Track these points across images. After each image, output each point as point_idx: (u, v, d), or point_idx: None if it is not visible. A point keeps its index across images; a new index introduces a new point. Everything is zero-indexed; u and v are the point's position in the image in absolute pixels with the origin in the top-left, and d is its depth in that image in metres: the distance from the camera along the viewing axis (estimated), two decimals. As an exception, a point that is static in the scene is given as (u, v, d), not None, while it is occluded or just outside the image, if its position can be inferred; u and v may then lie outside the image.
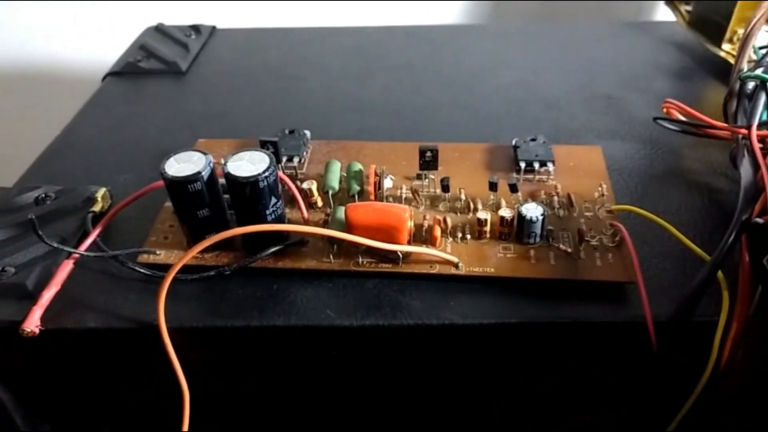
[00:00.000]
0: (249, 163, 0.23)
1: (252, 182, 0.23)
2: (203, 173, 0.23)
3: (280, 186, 0.24)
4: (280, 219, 0.25)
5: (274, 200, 0.24)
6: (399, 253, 0.24)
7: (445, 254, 0.24)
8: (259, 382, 0.26)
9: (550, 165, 0.28)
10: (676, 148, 0.32)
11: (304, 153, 0.30)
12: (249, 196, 0.23)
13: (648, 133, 0.33)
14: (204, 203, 0.24)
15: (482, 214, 0.25)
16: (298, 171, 0.29)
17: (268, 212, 0.24)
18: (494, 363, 0.25)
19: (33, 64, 0.61)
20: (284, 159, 0.29)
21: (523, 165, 0.28)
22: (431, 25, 0.50)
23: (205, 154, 0.24)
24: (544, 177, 0.28)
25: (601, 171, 0.29)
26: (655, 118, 0.30)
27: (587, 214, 0.26)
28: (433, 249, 0.24)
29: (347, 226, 0.24)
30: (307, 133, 0.31)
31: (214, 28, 0.48)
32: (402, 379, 0.26)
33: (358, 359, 0.25)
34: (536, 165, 0.28)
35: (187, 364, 0.23)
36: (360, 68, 0.42)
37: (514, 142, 0.30)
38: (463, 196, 0.27)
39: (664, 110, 0.30)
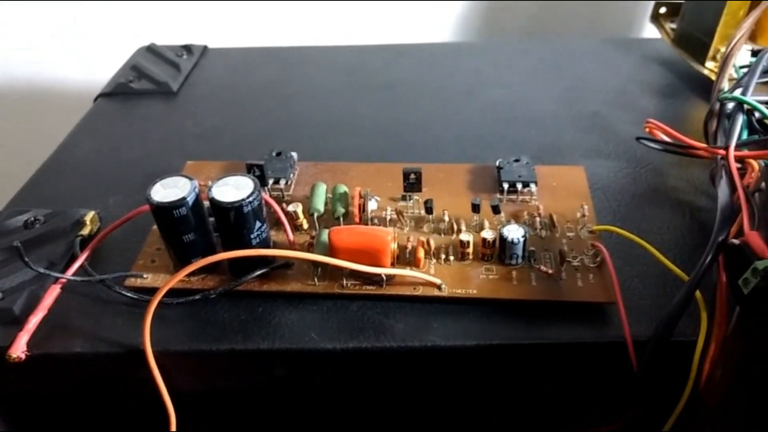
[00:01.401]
0: (234, 189, 0.23)
1: (236, 207, 0.23)
2: (188, 198, 0.23)
3: (264, 209, 0.25)
4: (265, 242, 0.25)
5: (258, 224, 0.24)
6: (383, 276, 0.24)
7: (428, 276, 0.25)
8: (245, 404, 0.26)
9: (532, 185, 0.29)
10: (659, 166, 0.32)
11: (291, 175, 0.31)
12: (233, 221, 0.23)
13: (632, 151, 0.33)
14: (189, 228, 0.24)
15: (465, 236, 0.25)
16: (285, 193, 0.30)
17: (252, 236, 0.24)
18: (478, 384, 0.25)
19: (23, 83, 0.62)
20: (271, 181, 0.29)
21: (506, 186, 0.29)
22: (420, 44, 0.50)
23: (190, 179, 0.24)
24: (527, 197, 0.29)
25: (584, 191, 0.29)
26: (637, 138, 0.31)
27: (569, 234, 0.27)
28: (417, 271, 0.25)
29: (331, 250, 0.24)
30: (294, 155, 0.32)
31: (205, 47, 0.48)
32: (387, 400, 0.26)
33: (343, 381, 0.25)
34: (519, 186, 0.29)
35: (174, 386, 0.23)
36: (349, 87, 0.42)
37: (497, 163, 0.30)
38: (446, 218, 0.27)
39: (647, 130, 0.31)
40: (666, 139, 0.30)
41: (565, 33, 0.60)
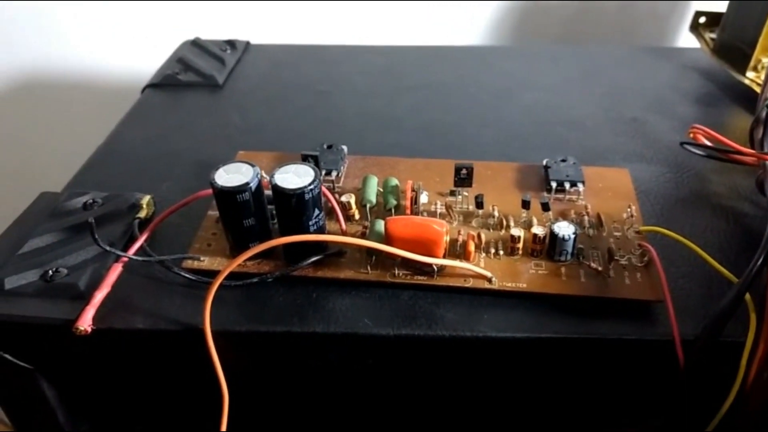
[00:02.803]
0: (295, 176, 0.24)
1: (298, 194, 0.24)
2: (251, 184, 0.24)
3: (322, 198, 0.25)
4: (321, 229, 0.26)
5: (317, 212, 0.25)
6: (434, 266, 0.25)
7: (479, 269, 0.25)
8: (297, 386, 0.27)
9: (580, 185, 0.29)
10: (700, 172, 0.33)
11: (342, 167, 0.31)
12: (294, 207, 0.24)
13: (673, 156, 0.34)
14: (250, 213, 0.25)
15: (516, 231, 0.26)
16: (336, 184, 0.31)
17: (311, 223, 0.25)
18: (525, 376, 0.26)
19: (73, 73, 0.63)
20: (323, 172, 0.30)
21: (554, 185, 0.29)
22: (455, 46, 0.51)
23: (252, 166, 0.25)
24: (574, 197, 0.29)
25: (629, 193, 0.30)
26: (682, 143, 0.31)
27: (616, 233, 0.27)
28: (468, 263, 0.25)
29: (386, 238, 0.25)
30: (344, 148, 0.32)
31: (248, 43, 0.49)
32: (435, 388, 0.27)
33: (393, 368, 0.26)
34: (567, 185, 0.29)
35: (228, 366, 0.24)
36: (389, 86, 0.43)
37: (544, 162, 0.31)
38: (496, 213, 0.28)
39: (691, 135, 0.31)
40: (710, 144, 0.30)
41: (599, 40, 0.60)
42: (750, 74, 0.39)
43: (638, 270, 0.25)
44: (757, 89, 0.38)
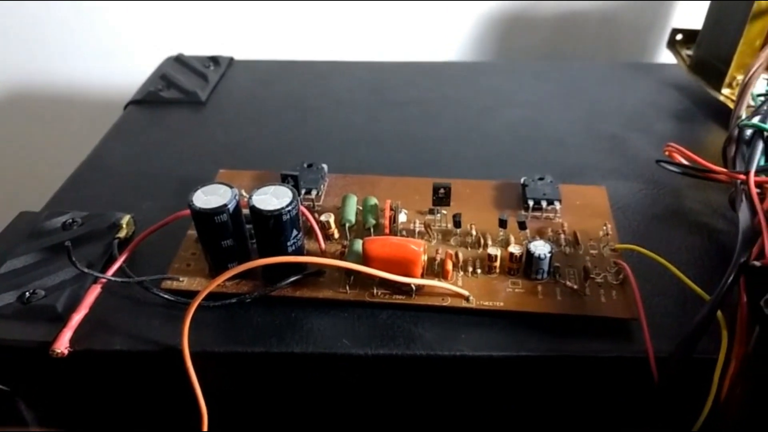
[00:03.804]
0: (273, 197, 0.24)
1: (276, 215, 0.24)
2: (229, 206, 0.24)
3: (300, 219, 0.25)
4: (299, 250, 0.26)
5: (295, 232, 0.25)
6: (413, 286, 0.25)
7: (456, 288, 0.25)
8: (276, 405, 0.27)
9: (557, 203, 0.30)
10: (677, 188, 0.33)
11: (322, 186, 0.32)
12: (272, 229, 0.24)
13: (650, 173, 0.34)
14: (228, 234, 0.25)
15: (492, 250, 0.26)
16: (316, 203, 0.31)
17: (289, 243, 0.25)
18: (502, 393, 0.26)
19: (55, 89, 0.63)
20: (303, 191, 0.30)
21: (531, 203, 0.30)
22: (441, 62, 0.51)
23: (230, 187, 0.25)
24: (551, 215, 0.30)
25: (606, 211, 0.30)
26: (657, 161, 0.32)
27: (592, 251, 0.28)
28: (445, 282, 0.26)
29: (364, 258, 0.25)
30: (325, 167, 0.33)
31: (231, 59, 0.49)
32: (413, 406, 0.27)
33: (372, 387, 0.26)
34: (544, 203, 0.30)
35: (207, 387, 0.24)
36: (373, 102, 0.43)
37: (522, 181, 0.31)
38: (473, 232, 0.28)
39: (666, 153, 0.32)
40: (685, 162, 0.31)
41: (580, 56, 0.61)
42: (725, 91, 0.40)
43: (614, 288, 0.26)
44: (732, 105, 0.38)
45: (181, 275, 0.27)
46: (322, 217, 0.28)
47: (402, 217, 0.28)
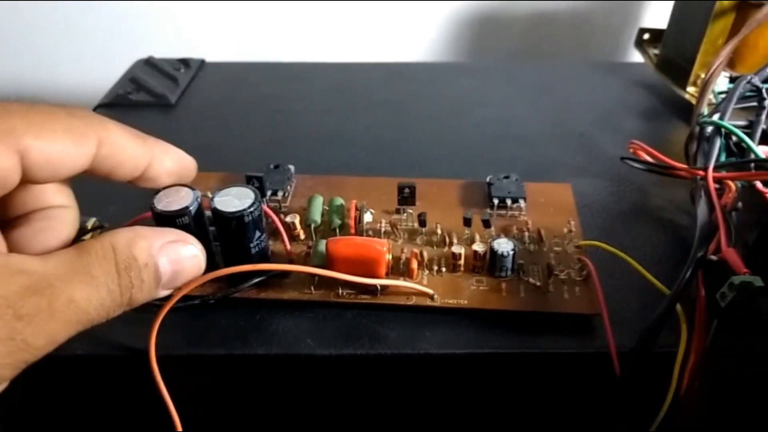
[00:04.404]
0: (235, 199, 0.24)
1: (237, 217, 0.24)
2: (191, 208, 0.24)
3: (264, 220, 0.25)
4: (263, 251, 0.26)
5: (258, 234, 0.25)
6: (377, 286, 0.25)
7: (420, 287, 0.25)
8: (245, 408, 0.27)
9: (521, 201, 0.30)
10: (642, 185, 0.34)
11: (288, 187, 0.32)
12: (234, 230, 0.24)
13: (616, 170, 0.35)
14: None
15: (457, 249, 0.26)
16: (282, 204, 0.31)
17: (252, 245, 0.25)
18: (468, 391, 0.26)
19: (23, 91, 0.62)
20: (269, 193, 0.30)
21: (496, 201, 0.30)
22: (411, 63, 0.52)
23: (192, 189, 0.25)
24: (516, 213, 0.30)
25: (570, 207, 0.30)
26: (622, 158, 0.32)
27: (556, 248, 0.28)
28: (410, 282, 0.26)
29: (328, 259, 0.25)
30: (291, 168, 0.33)
31: (203, 61, 0.49)
32: (380, 406, 0.27)
33: (338, 387, 0.26)
34: (509, 201, 0.30)
35: (174, 390, 0.23)
36: (344, 103, 0.43)
37: (488, 179, 0.31)
38: (439, 231, 0.28)
39: (631, 150, 0.32)
40: (649, 159, 0.31)
41: (552, 56, 0.62)
42: (690, 89, 0.40)
43: (577, 284, 0.26)
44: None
45: (145, 279, 0.26)
46: (288, 218, 0.28)
47: (368, 217, 0.28)
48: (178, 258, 0.20)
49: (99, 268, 0.18)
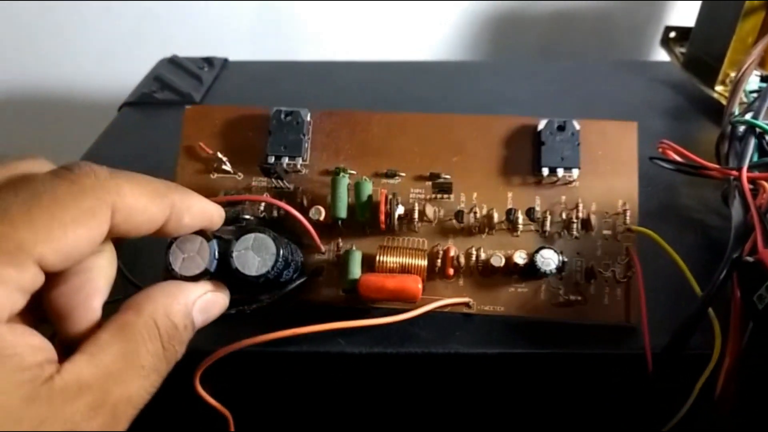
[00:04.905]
0: (254, 254, 0.23)
1: (264, 276, 0.23)
2: (210, 269, 0.22)
3: (289, 257, 0.24)
4: (296, 270, 0.25)
5: (286, 271, 0.24)
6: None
7: (458, 299, 0.25)
8: (273, 404, 0.27)
9: (575, 171, 0.26)
10: (670, 185, 0.33)
11: (306, 145, 0.28)
12: (263, 284, 0.23)
13: (644, 170, 0.34)
14: None
15: (496, 261, 0.25)
16: (302, 170, 0.28)
17: (283, 280, 0.24)
18: (497, 390, 0.26)
19: (48, 90, 0.63)
20: (285, 160, 0.27)
21: (545, 171, 0.26)
22: (436, 61, 0.52)
23: (209, 240, 0.22)
24: (569, 180, 0.27)
25: (631, 158, 0.27)
26: (651, 158, 0.32)
27: (606, 232, 0.26)
28: (447, 299, 0.25)
29: (360, 293, 0.24)
30: (307, 116, 0.28)
31: (226, 60, 0.49)
32: (409, 405, 0.27)
33: (367, 386, 0.26)
34: (560, 171, 0.26)
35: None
36: (365, 101, 0.43)
37: (539, 128, 0.27)
38: (478, 213, 0.26)
39: (660, 150, 0.32)
40: (678, 159, 0.31)
41: (574, 54, 0.61)
42: (718, 88, 0.40)
43: (619, 286, 0.25)
44: (725, 102, 0.38)
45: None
46: (312, 212, 0.26)
47: (399, 210, 0.26)
48: (206, 305, 0.21)
49: (147, 355, 0.18)
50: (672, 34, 0.46)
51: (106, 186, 0.17)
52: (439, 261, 0.26)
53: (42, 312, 0.18)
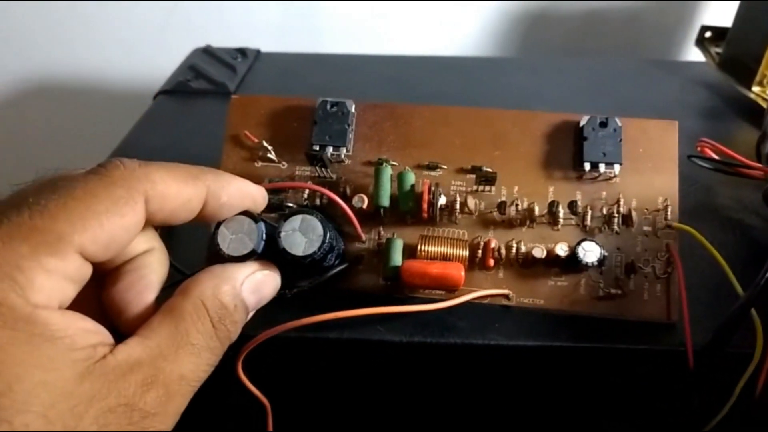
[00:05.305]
0: (302, 235, 0.23)
1: (310, 256, 0.23)
2: (258, 249, 0.22)
3: (333, 239, 0.24)
4: (338, 256, 0.26)
5: (330, 256, 0.24)
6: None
7: (497, 290, 0.25)
8: (312, 390, 0.27)
9: (616, 167, 0.26)
10: (706, 185, 0.33)
11: (350, 136, 0.28)
12: (308, 265, 0.23)
13: (680, 169, 0.34)
14: None
15: (538, 252, 0.25)
16: (346, 160, 0.28)
17: (326, 264, 0.25)
18: (536, 382, 0.26)
19: (83, 78, 0.64)
20: (329, 150, 0.27)
21: (587, 166, 0.26)
22: (466, 57, 0.52)
23: (256, 221, 0.22)
24: (610, 176, 0.27)
25: (672, 156, 0.27)
26: (689, 156, 0.32)
27: (646, 228, 0.26)
28: (486, 290, 0.25)
29: (401, 279, 0.24)
30: (351, 107, 0.28)
31: (258, 51, 0.50)
32: (447, 394, 0.27)
33: (406, 374, 0.26)
34: (602, 167, 0.26)
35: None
36: (395, 96, 0.43)
37: (581, 124, 0.27)
38: (519, 206, 0.26)
39: (698, 149, 0.32)
40: (717, 158, 0.31)
41: (603, 53, 0.61)
42: (755, 88, 0.40)
43: (659, 281, 0.25)
44: (763, 103, 0.38)
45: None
46: (355, 201, 0.26)
47: (441, 200, 0.26)
48: (257, 286, 0.21)
49: (197, 333, 0.18)
50: (707, 34, 0.46)
51: (136, 175, 0.18)
52: (479, 252, 0.26)
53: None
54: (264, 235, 0.22)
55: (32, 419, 0.14)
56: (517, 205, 0.26)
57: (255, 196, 0.22)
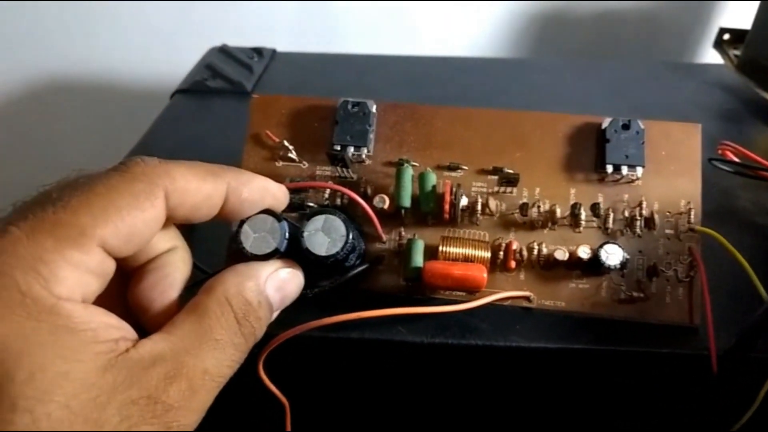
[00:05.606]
0: (324, 235, 0.23)
1: (333, 256, 0.23)
2: (281, 249, 0.21)
3: (355, 239, 0.24)
4: (359, 257, 0.26)
5: (352, 256, 0.25)
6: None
7: (519, 292, 0.25)
8: (333, 390, 0.27)
9: (639, 169, 0.26)
10: (726, 188, 0.33)
11: (371, 136, 0.28)
12: (330, 265, 0.23)
13: (700, 172, 0.34)
14: None
15: (560, 255, 0.25)
16: (367, 161, 0.28)
17: (348, 265, 0.25)
18: (557, 384, 0.26)
19: (100, 77, 0.64)
20: (351, 150, 0.27)
21: (609, 169, 0.26)
22: (482, 58, 0.51)
23: (279, 220, 0.22)
24: (632, 178, 0.27)
25: (694, 159, 0.27)
26: (710, 159, 0.31)
27: (668, 231, 0.26)
28: (508, 292, 0.25)
29: (423, 280, 0.24)
30: (372, 107, 0.28)
31: (274, 51, 0.50)
32: (467, 395, 0.27)
33: (427, 375, 0.26)
34: (624, 169, 0.26)
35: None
36: (412, 97, 0.43)
37: (603, 126, 0.27)
38: (541, 208, 0.26)
39: (720, 152, 0.31)
40: (738, 161, 0.31)
41: (619, 55, 0.61)
42: (775, 91, 0.39)
43: (681, 285, 0.25)
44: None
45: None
46: (376, 201, 0.26)
47: (463, 201, 0.26)
48: (281, 283, 0.21)
49: (221, 329, 0.18)
50: (726, 36, 0.45)
51: (156, 171, 0.18)
52: (501, 254, 0.26)
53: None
54: (287, 234, 0.22)
55: (54, 408, 0.15)
56: (539, 206, 0.26)
57: (276, 193, 0.22)
